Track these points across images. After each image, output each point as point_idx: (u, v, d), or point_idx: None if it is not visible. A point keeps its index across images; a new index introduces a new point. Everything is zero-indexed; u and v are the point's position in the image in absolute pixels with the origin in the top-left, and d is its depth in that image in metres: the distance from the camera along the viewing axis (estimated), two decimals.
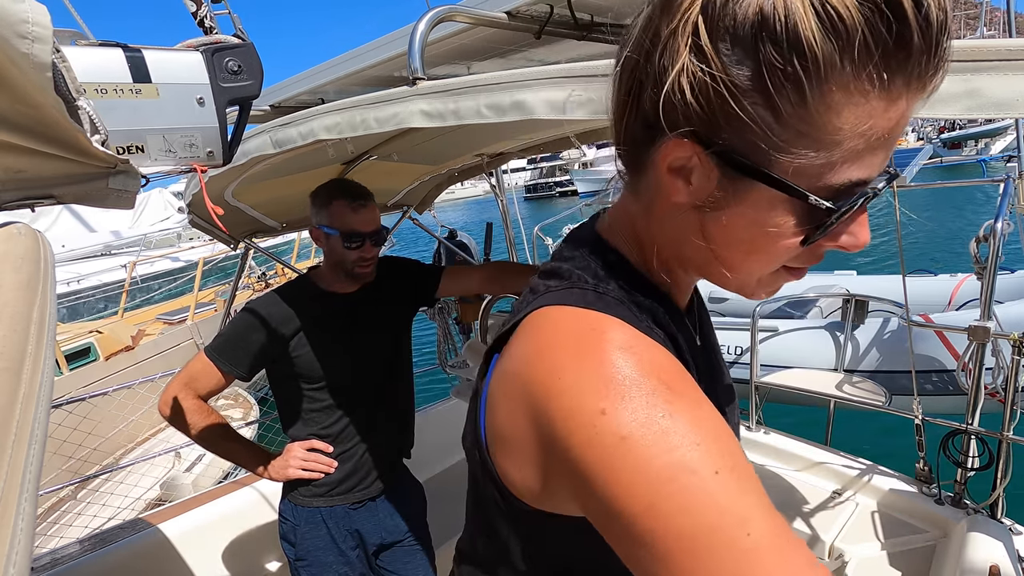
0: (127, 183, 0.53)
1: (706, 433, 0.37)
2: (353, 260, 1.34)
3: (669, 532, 0.35)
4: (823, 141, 0.36)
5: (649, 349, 0.41)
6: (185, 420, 1.32)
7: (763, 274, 0.45)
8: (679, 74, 0.37)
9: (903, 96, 0.35)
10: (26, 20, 0.35)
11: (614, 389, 0.38)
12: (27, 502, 0.32)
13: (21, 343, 0.36)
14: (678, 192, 0.42)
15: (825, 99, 0.34)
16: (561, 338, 0.43)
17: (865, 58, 0.33)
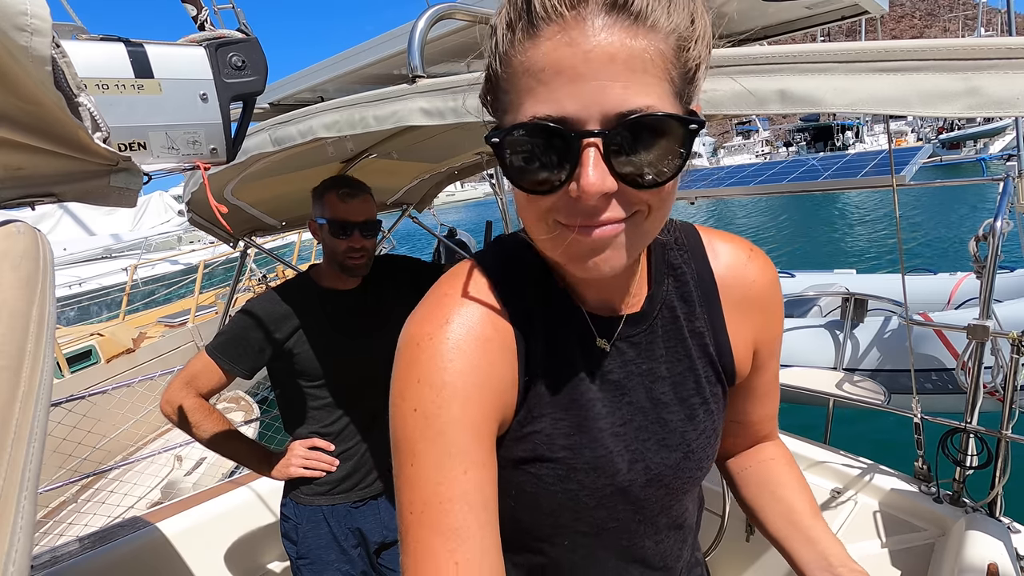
0: (129, 181, 0.52)
1: (434, 376, 0.46)
2: (343, 250, 1.34)
3: (391, 430, 0.48)
4: (509, 93, 0.43)
5: (472, 306, 0.51)
6: (187, 419, 1.32)
7: (545, 237, 0.46)
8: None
9: (553, 24, 0.40)
10: (24, 12, 0.35)
11: (421, 313, 0.51)
12: (27, 500, 0.32)
13: (20, 341, 0.36)
14: None
15: (504, 62, 0.43)
16: (443, 276, 0.56)
17: (515, 23, 0.42)
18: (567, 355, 0.55)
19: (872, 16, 1.34)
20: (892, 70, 0.54)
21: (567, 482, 0.55)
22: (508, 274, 0.54)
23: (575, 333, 0.55)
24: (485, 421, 0.48)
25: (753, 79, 0.58)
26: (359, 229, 1.33)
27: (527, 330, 0.53)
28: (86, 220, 11.76)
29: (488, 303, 0.52)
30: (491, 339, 0.50)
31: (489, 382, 0.49)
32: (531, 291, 0.54)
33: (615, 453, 0.56)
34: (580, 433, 0.55)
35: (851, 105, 0.56)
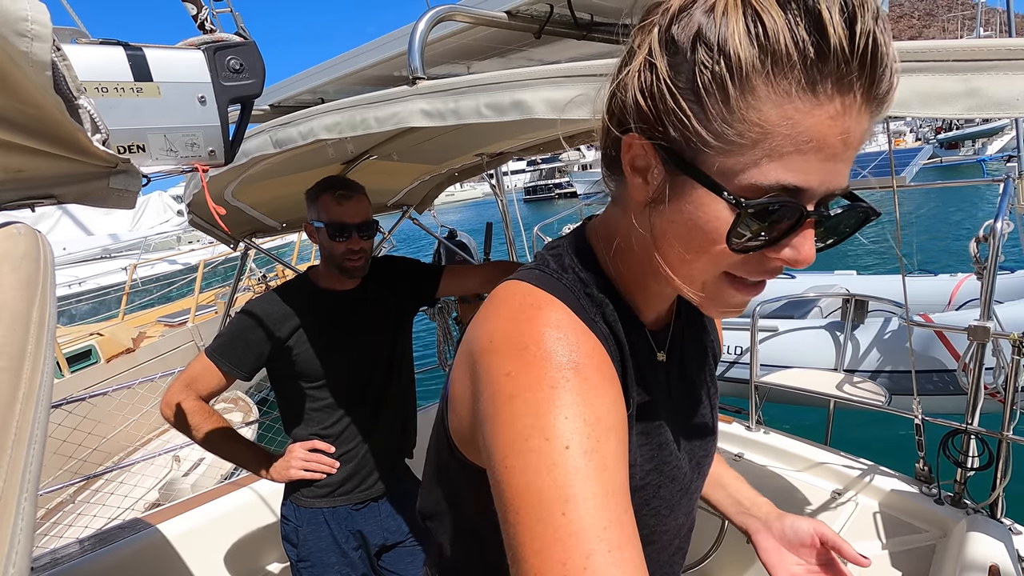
0: (128, 182, 0.52)
1: (583, 414, 0.40)
2: (341, 253, 1.34)
3: (510, 485, 0.39)
4: (745, 136, 0.38)
5: (576, 332, 0.45)
6: (187, 421, 1.32)
7: (705, 279, 0.45)
8: (634, 78, 0.43)
9: (834, 100, 0.37)
10: (25, 18, 0.35)
11: (525, 357, 0.43)
12: (27, 502, 0.32)
13: (21, 342, 0.36)
14: (638, 189, 0.46)
15: (746, 96, 0.37)
16: (505, 307, 0.48)
17: (784, 62, 0.36)
18: (648, 377, 0.55)
19: None
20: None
21: (652, 502, 0.55)
22: (584, 301, 0.51)
23: (645, 350, 0.55)
24: (625, 447, 0.45)
25: None
26: (357, 230, 1.33)
27: (619, 360, 0.51)
28: (85, 220, 11.78)
29: (590, 337, 0.47)
30: (613, 374, 0.47)
31: (621, 415, 0.45)
32: (611, 317, 0.52)
33: (684, 459, 0.59)
34: (659, 450, 0.55)
35: None
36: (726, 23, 0.37)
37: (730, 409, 2.51)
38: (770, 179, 0.39)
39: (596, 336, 0.47)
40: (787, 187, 0.39)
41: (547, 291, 0.49)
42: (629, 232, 0.49)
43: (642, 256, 0.50)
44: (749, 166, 0.39)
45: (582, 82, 0.67)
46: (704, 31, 0.38)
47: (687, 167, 0.41)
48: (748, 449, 2.19)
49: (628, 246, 0.51)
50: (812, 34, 0.35)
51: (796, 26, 0.36)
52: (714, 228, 0.41)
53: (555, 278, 0.51)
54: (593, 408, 0.41)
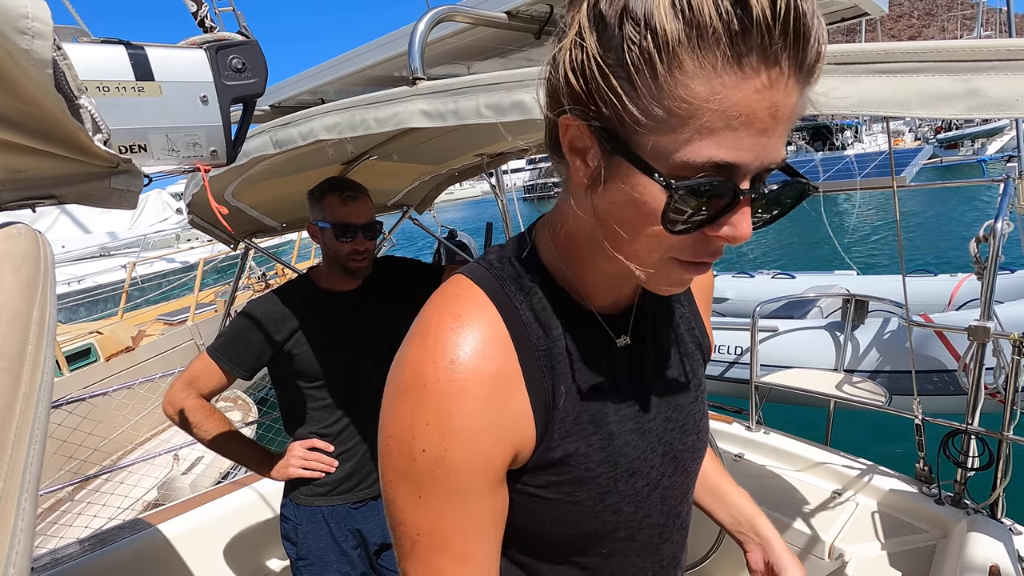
0: (129, 183, 0.52)
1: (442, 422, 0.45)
2: (346, 253, 1.34)
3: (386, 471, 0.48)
4: (675, 113, 0.37)
5: (477, 325, 0.48)
6: (188, 419, 1.32)
7: (652, 260, 0.44)
8: (565, 56, 0.42)
9: (760, 73, 0.36)
10: (26, 15, 0.35)
11: (424, 347, 0.47)
12: (27, 502, 0.32)
13: (21, 343, 0.36)
14: (578, 171, 0.45)
15: (674, 72, 0.37)
16: (436, 296, 0.52)
17: (710, 35, 0.35)
18: (591, 364, 0.53)
19: (871, 17, 1.34)
20: (892, 71, 0.54)
21: (609, 497, 0.54)
22: (511, 289, 0.51)
23: (592, 338, 0.54)
24: (496, 459, 0.48)
25: None
26: (362, 231, 1.34)
27: (544, 349, 0.50)
28: (83, 218, 11.78)
29: (494, 330, 0.49)
30: (498, 373, 0.47)
31: (500, 420, 0.47)
32: (539, 304, 0.51)
33: (649, 451, 0.57)
34: (614, 441, 0.54)
35: (851, 106, 0.56)
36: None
37: (730, 409, 2.51)
38: (702, 156, 0.38)
39: (510, 326, 0.49)
40: (720, 164, 0.38)
41: (473, 281, 0.51)
42: (576, 216, 0.49)
43: (588, 239, 0.49)
44: (681, 144, 0.38)
45: None
46: (631, 5, 0.37)
47: (620, 147, 0.40)
48: (748, 449, 2.19)
49: (574, 230, 0.51)
50: (735, 6, 0.35)
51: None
52: (650, 210, 0.41)
53: (486, 268, 0.53)
54: (450, 417, 0.45)
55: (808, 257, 11.86)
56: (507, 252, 0.55)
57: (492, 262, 0.54)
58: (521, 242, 0.55)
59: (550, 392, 0.50)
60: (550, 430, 0.50)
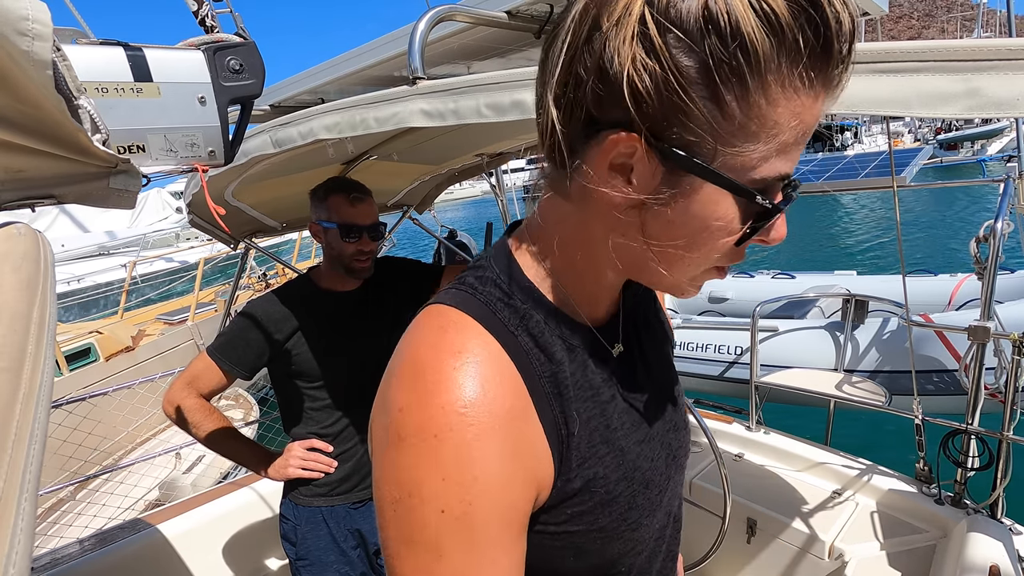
0: (128, 183, 0.52)
1: (459, 476, 0.39)
2: (351, 254, 1.35)
3: (389, 530, 0.41)
4: (761, 135, 0.37)
5: (481, 358, 0.43)
6: (187, 419, 1.32)
7: (698, 272, 0.45)
8: (628, 65, 0.36)
9: (822, 95, 0.38)
10: (26, 17, 0.35)
11: (419, 392, 0.41)
12: (27, 502, 0.32)
13: (21, 343, 0.36)
14: (617, 190, 0.41)
15: (765, 93, 0.35)
16: (415, 332, 0.47)
17: (796, 56, 0.35)
18: (594, 382, 0.50)
19: (872, 17, 1.34)
20: (892, 71, 0.54)
21: (631, 515, 0.51)
22: (504, 315, 0.46)
23: (591, 353, 0.51)
24: (523, 503, 0.43)
25: None
26: (367, 232, 1.35)
27: (549, 376, 0.46)
28: (82, 217, 11.77)
29: (500, 362, 0.44)
30: (513, 408, 0.43)
31: (521, 460, 0.43)
32: (536, 328, 0.47)
33: (656, 457, 0.55)
34: (623, 455, 0.51)
35: (851, 106, 0.56)
36: (732, 5, 0.33)
37: (730, 409, 2.51)
38: (775, 172, 0.39)
39: (512, 355, 0.44)
40: (783, 176, 0.39)
41: (460, 310, 0.46)
42: (584, 230, 0.46)
43: (592, 255, 0.47)
44: (760, 162, 0.38)
45: None
46: (713, 15, 0.33)
47: (698, 169, 0.38)
48: (748, 449, 2.19)
49: (578, 242, 0.47)
50: (815, 28, 0.34)
51: (801, 16, 0.34)
52: (722, 226, 0.40)
53: (470, 294, 0.47)
54: (471, 467, 0.40)
55: (808, 257, 11.86)
56: (487, 273, 0.49)
57: (474, 285, 0.48)
58: (501, 260, 0.50)
59: (561, 421, 0.46)
60: (566, 460, 0.47)
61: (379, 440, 0.43)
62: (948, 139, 29.03)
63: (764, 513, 1.85)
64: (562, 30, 0.40)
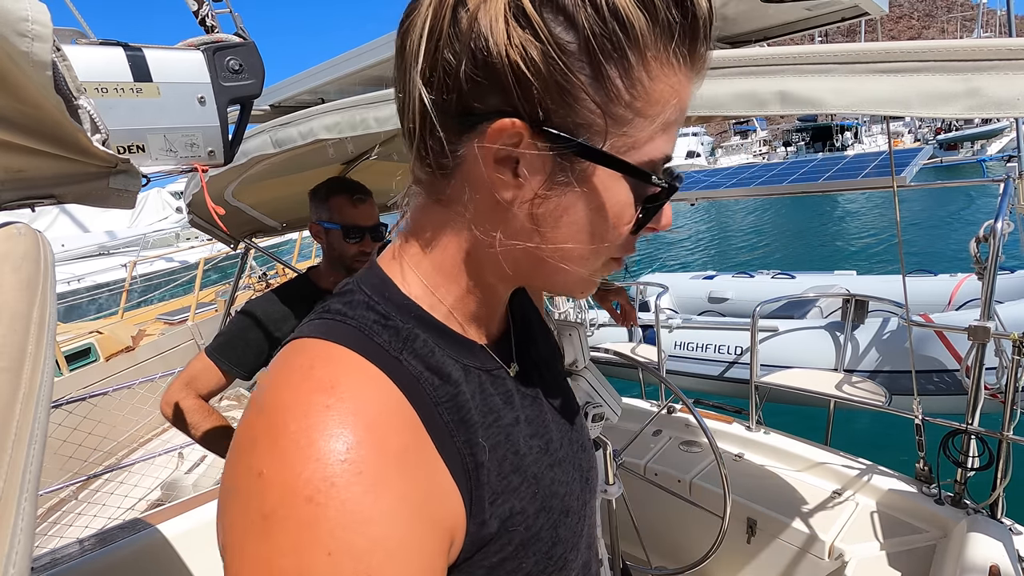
0: (128, 183, 0.53)
1: (351, 545, 0.30)
2: (353, 254, 1.35)
3: None
4: (648, 113, 0.36)
5: (359, 392, 0.35)
6: (186, 420, 1.32)
7: (599, 264, 0.41)
8: (505, 44, 0.33)
9: (691, 75, 0.37)
10: (26, 18, 0.35)
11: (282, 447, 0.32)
12: (27, 502, 0.32)
13: (21, 343, 0.36)
14: (503, 185, 0.37)
15: (647, 68, 0.34)
16: (273, 373, 0.37)
17: (669, 32, 0.34)
18: (496, 404, 0.44)
19: (872, 17, 1.34)
20: (892, 71, 0.54)
21: (555, 550, 0.45)
22: (383, 339, 0.39)
23: (486, 372, 0.45)
24: (437, 557, 0.35)
25: (754, 80, 0.58)
26: (370, 233, 1.35)
27: (447, 401, 0.40)
28: (82, 217, 11.78)
29: (384, 392, 0.36)
30: (409, 446, 0.36)
31: (428, 509, 0.35)
32: (424, 349, 0.41)
33: (570, 481, 0.50)
34: (540, 483, 0.45)
35: (851, 106, 0.56)
36: None
37: (730, 409, 2.51)
38: (661, 152, 0.37)
39: (399, 382, 0.37)
40: (668, 157, 0.38)
41: (327, 340, 0.38)
42: (467, 236, 0.41)
43: (483, 260, 0.42)
44: (645, 142, 0.36)
45: None
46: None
47: (592, 153, 0.35)
48: (748, 449, 2.19)
49: (460, 251, 0.42)
50: (682, 5, 0.34)
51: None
52: (618, 213, 0.38)
53: (338, 321, 0.40)
54: (366, 530, 0.31)
55: (808, 257, 11.86)
56: (356, 297, 0.42)
57: (342, 312, 0.41)
58: (372, 281, 0.44)
59: (467, 452, 0.40)
60: (478, 499, 0.39)
61: (233, 532, 0.32)
62: (948, 139, 29.02)
63: (764, 513, 1.85)
64: (419, 13, 0.36)
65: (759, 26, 1.48)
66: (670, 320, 4.94)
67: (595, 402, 1.21)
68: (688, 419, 2.37)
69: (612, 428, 1.44)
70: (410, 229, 0.45)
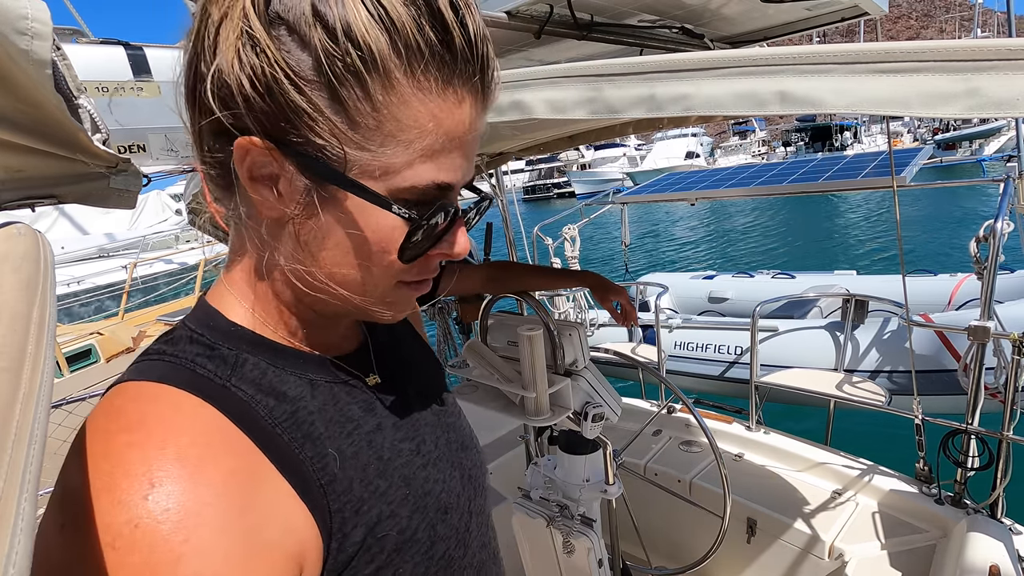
0: (129, 182, 0.52)
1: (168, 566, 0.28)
2: None
3: None
4: (400, 137, 0.35)
5: (178, 426, 0.33)
6: None
7: (382, 289, 0.41)
8: (233, 64, 0.33)
9: (467, 100, 0.37)
10: (25, 16, 0.35)
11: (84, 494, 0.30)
12: (27, 502, 0.32)
13: (21, 343, 0.36)
14: (268, 205, 0.37)
15: (389, 92, 0.34)
16: (84, 431, 0.34)
17: (418, 55, 0.34)
18: (350, 412, 0.44)
19: (871, 17, 1.34)
20: (892, 71, 0.54)
21: (436, 548, 0.45)
22: (206, 369, 0.38)
23: (338, 384, 0.45)
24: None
25: (753, 80, 0.58)
26: None
27: (285, 420, 0.39)
28: (82, 219, 11.78)
29: (202, 418, 0.35)
30: (237, 468, 0.34)
31: (262, 530, 0.33)
32: (255, 372, 0.40)
33: (449, 478, 0.50)
34: (412, 484, 0.45)
35: (851, 106, 0.56)
36: (342, 4, 0.32)
37: (730, 409, 2.51)
38: (425, 179, 0.37)
39: (225, 408, 0.36)
40: (440, 185, 0.38)
41: (143, 380, 0.36)
42: (272, 254, 0.40)
43: (297, 278, 0.41)
44: (403, 167, 0.36)
45: (582, 82, 0.67)
46: (319, 8, 0.32)
47: (333, 175, 0.35)
48: (748, 449, 2.19)
49: (266, 271, 0.41)
50: (436, 29, 0.34)
51: (420, 17, 0.33)
52: (380, 239, 0.38)
53: (155, 360, 0.38)
54: (175, 569, 0.28)
55: (808, 257, 11.87)
56: (178, 333, 0.41)
57: (161, 351, 0.39)
58: (197, 315, 0.43)
59: (317, 466, 0.39)
60: (337, 511, 0.39)
61: None
62: (945, 139, 29.03)
63: (764, 513, 1.85)
64: (191, 29, 0.36)
65: (759, 26, 1.48)
66: (670, 320, 4.95)
67: (595, 402, 1.21)
68: (688, 419, 2.37)
69: (612, 428, 1.44)
70: (233, 257, 0.44)
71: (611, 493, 1.34)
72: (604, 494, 1.35)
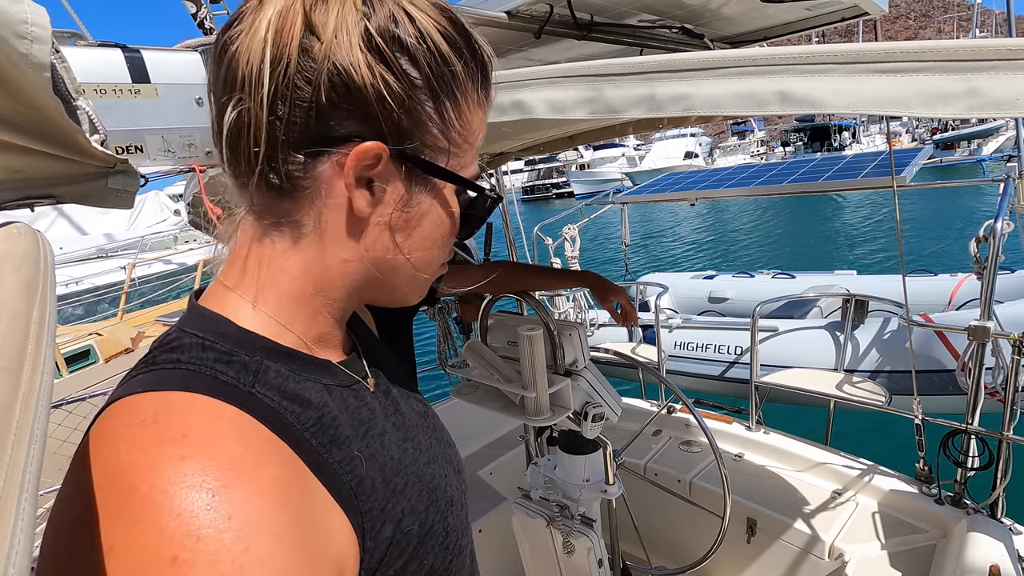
0: (126, 183, 0.53)
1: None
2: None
3: None
4: (470, 140, 0.45)
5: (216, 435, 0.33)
6: None
7: (437, 266, 0.49)
8: (367, 73, 0.38)
9: (486, 107, 0.46)
10: (25, 20, 0.35)
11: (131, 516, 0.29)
12: (27, 502, 0.32)
13: (21, 343, 0.36)
14: (364, 202, 0.41)
15: (468, 104, 0.43)
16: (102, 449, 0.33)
17: (475, 77, 0.43)
18: (362, 414, 0.46)
19: (871, 17, 1.35)
20: (892, 71, 0.54)
21: (449, 538, 0.48)
22: (229, 376, 0.38)
23: (348, 388, 0.46)
24: None
25: (753, 80, 0.58)
26: None
27: (312, 425, 0.40)
28: (80, 220, 11.78)
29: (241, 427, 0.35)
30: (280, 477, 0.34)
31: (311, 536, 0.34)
32: (278, 378, 0.40)
33: (447, 473, 0.53)
34: (423, 480, 0.48)
35: (851, 106, 0.56)
36: (423, 27, 0.39)
37: (730, 409, 2.51)
38: (472, 174, 0.46)
39: (260, 416, 0.36)
40: (476, 179, 0.47)
41: (162, 390, 0.35)
42: (314, 258, 0.42)
43: (332, 281, 0.43)
44: (469, 164, 0.46)
45: (582, 82, 0.67)
46: (424, 30, 0.39)
47: (442, 172, 0.43)
48: (748, 449, 2.19)
49: (307, 274, 0.43)
50: (470, 48, 0.42)
51: (467, 46, 0.42)
52: (455, 222, 0.47)
53: (171, 369, 0.37)
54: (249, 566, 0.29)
55: (808, 257, 11.88)
56: (186, 340, 0.40)
57: (174, 359, 0.38)
58: (200, 323, 0.42)
59: (345, 469, 0.40)
60: (367, 512, 0.40)
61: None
62: (944, 139, 29.03)
63: (764, 513, 1.85)
64: (251, 38, 0.37)
65: (759, 26, 1.48)
66: (670, 320, 4.95)
67: (595, 402, 1.21)
68: (688, 419, 2.37)
69: (612, 428, 1.44)
70: (240, 262, 0.44)
71: (611, 493, 1.34)
72: (604, 494, 1.35)
